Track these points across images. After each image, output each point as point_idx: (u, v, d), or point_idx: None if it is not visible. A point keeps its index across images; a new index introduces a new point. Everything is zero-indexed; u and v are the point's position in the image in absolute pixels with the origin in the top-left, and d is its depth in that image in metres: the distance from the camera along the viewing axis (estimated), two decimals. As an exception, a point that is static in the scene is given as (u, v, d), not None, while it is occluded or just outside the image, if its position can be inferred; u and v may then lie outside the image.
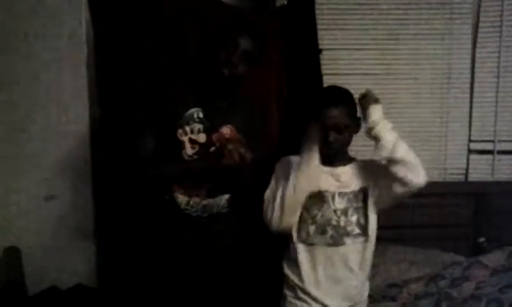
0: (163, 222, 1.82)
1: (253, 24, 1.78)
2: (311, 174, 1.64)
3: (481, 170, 2.64)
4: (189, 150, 1.74)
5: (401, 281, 2.11)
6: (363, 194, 1.72)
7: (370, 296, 2.00)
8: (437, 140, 2.63)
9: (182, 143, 1.72)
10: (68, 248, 2.35)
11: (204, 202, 1.78)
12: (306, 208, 1.69)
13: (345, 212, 1.69)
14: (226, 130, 1.77)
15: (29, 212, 2.32)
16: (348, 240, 1.69)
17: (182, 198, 1.76)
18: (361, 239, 1.71)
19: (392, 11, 2.54)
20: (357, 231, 1.70)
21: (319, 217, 1.69)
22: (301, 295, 1.71)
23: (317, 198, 1.69)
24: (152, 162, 1.73)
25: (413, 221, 2.49)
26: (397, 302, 2.00)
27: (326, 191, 1.69)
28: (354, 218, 1.70)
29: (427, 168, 2.55)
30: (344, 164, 1.74)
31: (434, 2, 2.53)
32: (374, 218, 1.73)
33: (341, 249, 1.68)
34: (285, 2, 2.39)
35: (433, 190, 2.54)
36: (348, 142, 1.73)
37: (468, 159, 2.64)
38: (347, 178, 1.72)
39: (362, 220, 1.71)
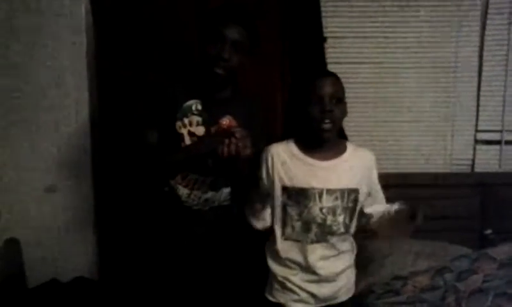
0: (164, 214, 1.80)
1: (238, 10, 1.71)
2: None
3: (488, 161, 2.60)
4: (188, 142, 1.71)
5: (407, 273, 2.07)
6: (354, 194, 1.64)
7: (373, 291, 1.98)
8: (443, 130, 2.59)
9: (181, 136, 1.70)
10: (69, 240, 2.35)
11: (205, 196, 1.76)
12: (292, 204, 1.63)
13: (333, 211, 1.61)
14: (226, 121, 1.74)
15: (29, 204, 2.31)
16: (333, 239, 1.63)
17: (183, 190, 1.74)
18: (344, 237, 1.66)
19: (398, -2, 2.48)
20: (342, 230, 1.64)
21: (305, 213, 1.62)
22: (289, 285, 1.67)
23: (304, 195, 1.61)
24: (157, 151, 1.71)
25: (419, 212, 2.46)
26: (402, 296, 1.97)
27: (313, 188, 1.61)
28: (341, 218, 1.63)
29: (433, 158, 2.59)
30: (335, 156, 1.65)
31: (442, -11, 2.47)
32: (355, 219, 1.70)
33: (324, 245, 1.64)
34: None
35: (439, 181, 2.55)
36: (341, 120, 1.64)
37: (474, 149, 2.60)
38: (337, 173, 1.63)
39: (347, 220, 1.65)
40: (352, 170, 1.64)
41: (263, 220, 1.69)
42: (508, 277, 1.93)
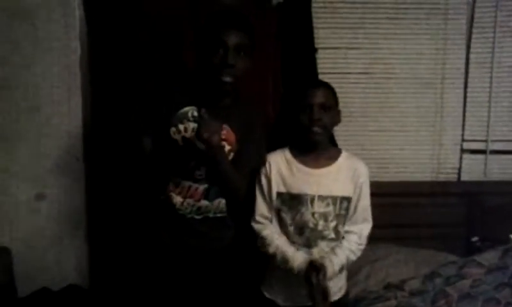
0: (158, 222, 1.79)
1: (232, 14, 1.68)
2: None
3: (474, 170, 2.65)
4: None
5: (396, 281, 2.09)
6: (347, 202, 1.72)
7: (364, 297, 2.01)
8: (430, 139, 2.64)
9: (176, 141, 1.69)
10: (60, 248, 2.32)
11: (198, 204, 1.74)
12: (286, 209, 1.73)
13: (324, 216, 1.70)
14: (224, 132, 1.71)
15: (20, 212, 2.28)
16: (322, 243, 1.71)
17: (176, 198, 1.73)
18: (334, 243, 1.72)
19: (387, 10, 2.53)
20: (332, 236, 1.72)
21: (297, 217, 1.71)
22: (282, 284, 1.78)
23: (297, 200, 1.71)
24: (152, 158, 1.71)
25: (407, 221, 2.49)
26: (392, 301, 1.99)
27: (306, 194, 1.70)
28: (333, 224, 1.71)
29: (421, 167, 2.64)
30: (327, 164, 1.74)
31: (429, 2, 2.53)
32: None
33: (313, 250, 1.71)
34: (282, 1, 2.37)
35: (426, 189, 2.59)
36: (331, 127, 1.74)
37: (461, 159, 2.65)
38: (329, 180, 1.72)
39: (340, 227, 1.72)
40: (344, 178, 1.72)
41: None
42: (496, 283, 1.97)
